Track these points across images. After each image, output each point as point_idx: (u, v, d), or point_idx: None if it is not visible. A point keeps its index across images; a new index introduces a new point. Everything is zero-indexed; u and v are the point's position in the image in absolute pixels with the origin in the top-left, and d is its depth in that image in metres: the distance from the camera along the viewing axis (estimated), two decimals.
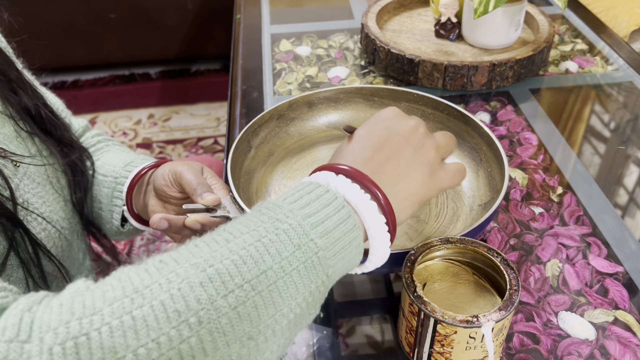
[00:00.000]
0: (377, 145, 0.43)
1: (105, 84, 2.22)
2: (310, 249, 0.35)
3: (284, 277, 0.33)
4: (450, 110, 0.69)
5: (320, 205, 0.36)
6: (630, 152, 0.75)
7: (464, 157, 0.67)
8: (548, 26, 0.92)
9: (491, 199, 0.60)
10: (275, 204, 0.37)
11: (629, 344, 0.51)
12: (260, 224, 0.35)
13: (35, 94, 0.62)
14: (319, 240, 0.35)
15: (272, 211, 0.36)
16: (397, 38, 0.95)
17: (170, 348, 0.30)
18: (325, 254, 0.35)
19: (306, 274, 0.34)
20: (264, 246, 0.34)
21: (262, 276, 0.33)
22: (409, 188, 0.42)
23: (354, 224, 0.37)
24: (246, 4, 1.15)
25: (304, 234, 0.35)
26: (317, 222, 0.35)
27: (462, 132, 0.68)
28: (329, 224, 0.36)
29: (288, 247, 0.34)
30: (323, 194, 0.37)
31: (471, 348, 0.45)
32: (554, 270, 0.58)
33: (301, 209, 0.36)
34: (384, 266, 0.51)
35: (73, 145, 0.65)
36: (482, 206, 0.61)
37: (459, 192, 0.64)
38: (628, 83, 0.88)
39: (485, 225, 0.55)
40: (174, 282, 0.31)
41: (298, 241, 0.34)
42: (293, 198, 0.37)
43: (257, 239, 0.34)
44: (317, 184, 0.38)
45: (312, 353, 0.52)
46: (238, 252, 0.33)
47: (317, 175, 0.40)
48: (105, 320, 0.29)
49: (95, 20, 2.06)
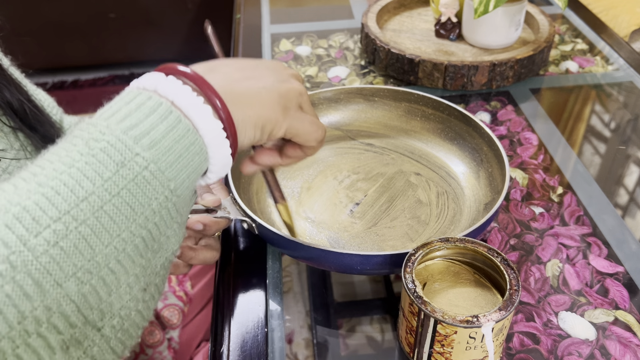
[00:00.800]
0: (242, 66, 0.40)
1: (105, 84, 2.22)
2: (138, 164, 0.32)
3: (112, 199, 0.30)
4: (450, 111, 0.69)
5: (142, 115, 0.33)
6: (631, 152, 0.75)
7: (464, 157, 0.67)
8: (548, 26, 0.92)
9: (492, 200, 0.60)
10: (89, 122, 0.33)
11: (629, 344, 0.51)
12: (72, 148, 0.31)
13: (19, 89, 0.61)
14: (145, 153, 0.32)
15: (84, 131, 0.32)
16: (397, 38, 0.95)
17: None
18: (159, 166, 0.32)
19: (140, 191, 0.31)
20: (80, 171, 0.30)
21: (83, 204, 0.30)
22: (258, 110, 0.39)
23: (186, 129, 0.34)
24: (246, 4, 1.15)
25: (127, 148, 0.31)
26: (142, 133, 0.32)
27: (462, 133, 0.68)
28: (156, 134, 0.32)
29: (110, 167, 0.31)
30: (145, 101, 0.33)
31: (471, 348, 0.45)
32: (554, 270, 0.58)
33: (119, 122, 0.32)
34: (384, 267, 0.51)
35: (54, 140, 0.64)
36: (483, 206, 0.61)
37: (459, 193, 0.64)
38: (628, 83, 0.88)
39: (486, 226, 0.55)
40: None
41: (121, 158, 0.31)
42: (110, 112, 0.33)
43: (70, 165, 0.30)
44: (138, 91, 0.34)
45: (312, 353, 0.52)
46: (48, 184, 0.29)
47: (146, 77, 0.36)
48: None
49: (95, 20, 2.06)
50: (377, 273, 0.58)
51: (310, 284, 0.59)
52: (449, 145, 0.69)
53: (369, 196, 0.65)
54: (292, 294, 0.57)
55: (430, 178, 0.67)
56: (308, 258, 0.54)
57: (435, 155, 0.70)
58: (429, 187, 0.66)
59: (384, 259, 0.51)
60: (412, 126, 0.72)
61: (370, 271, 0.53)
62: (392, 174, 0.67)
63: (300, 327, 0.54)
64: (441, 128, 0.70)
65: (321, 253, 0.51)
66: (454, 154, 0.69)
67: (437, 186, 0.66)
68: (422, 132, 0.72)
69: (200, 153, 0.35)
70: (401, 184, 0.66)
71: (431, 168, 0.68)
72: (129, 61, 2.25)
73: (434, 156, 0.69)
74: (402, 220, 0.62)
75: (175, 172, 0.33)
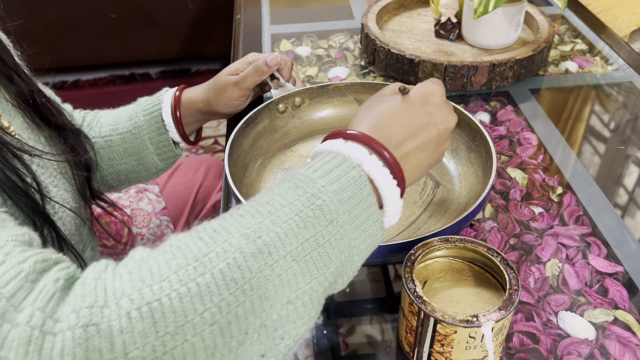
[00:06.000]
0: (414, 130, 0.46)
1: (105, 84, 2.22)
2: (339, 223, 0.38)
3: (318, 248, 0.37)
4: None
5: (347, 183, 0.39)
6: (630, 152, 0.75)
7: (460, 156, 0.67)
8: (548, 26, 0.92)
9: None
10: (308, 177, 0.40)
11: (629, 344, 0.51)
12: (297, 198, 0.38)
13: (29, 80, 0.62)
14: (344, 216, 0.39)
15: (306, 185, 0.39)
16: (397, 38, 0.95)
17: (229, 312, 0.33)
18: (348, 227, 0.39)
19: (336, 245, 0.38)
20: (302, 220, 0.37)
21: (300, 248, 0.37)
22: (424, 170, 0.48)
23: (372, 203, 0.40)
24: (246, 4, 1.15)
25: (335, 210, 0.38)
26: (344, 199, 0.39)
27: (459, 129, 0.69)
28: (354, 201, 0.39)
29: (322, 222, 0.38)
30: (349, 170, 0.40)
31: (471, 348, 0.45)
32: (553, 270, 0.58)
33: (331, 184, 0.39)
34: (378, 256, 0.52)
35: (67, 128, 0.66)
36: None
37: (451, 189, 0.65)
38: (628, 83, 0.88)
39: (472, 217, 0.55)
40: (229, 252, 0.35)
41: (330, 217, 0.38)
42: (322, 172, 0.40)
43: (296, 213, 0.37)
44: (344, 158, 0.41)
45: (312, 353, 0.52)
46: (281, 225, 0.37)
47: (351, 147, 0.42)
48: (174, 287, 0.33)
49: (95, 20, 2.06)
50: (372, 264, 0.58)
51: None
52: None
53: None
54: None
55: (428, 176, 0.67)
56: None
57: None
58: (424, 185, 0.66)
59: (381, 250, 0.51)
60: None
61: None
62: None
63: None
64: None
65: None
66: (450, 152, 0.69)
67: (432, 180, 0.66)
68: None
69: (377, 222, 0.41)
70: None
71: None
72: (129, 61, 2.25)
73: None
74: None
75: (357, 234, 0.40)
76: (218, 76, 0.73)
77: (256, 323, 0.35)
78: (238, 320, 0.34)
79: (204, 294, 0.33)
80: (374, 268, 0.61)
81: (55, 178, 0.59)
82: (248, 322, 0.34)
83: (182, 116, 0.73)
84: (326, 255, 0.38)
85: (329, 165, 0.40)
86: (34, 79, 0.65)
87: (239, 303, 0.34)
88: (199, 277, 0.33)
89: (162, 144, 0.73)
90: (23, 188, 0.52)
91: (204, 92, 0.72)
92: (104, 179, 0.76)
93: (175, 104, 0.72)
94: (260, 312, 0.35)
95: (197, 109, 0.73)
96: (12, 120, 0.57)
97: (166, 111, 0.71)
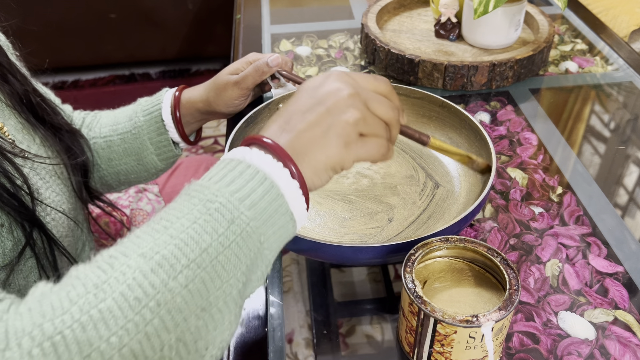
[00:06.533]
0: (302, 110, 0.44)
1: (105, 84, 2.22)
2: (243, 221, 0.38)
3: (224, 251, 0.37)
4: (442, 104, 0.70)
5: (244, 181, 0.39)
6: (630, 152, 0.75)
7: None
8: (548, 26, 0.92)
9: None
10: (202, 185, 0.39)
11: (629, 344, 0.51)
12: (192, 207, 0.38)
13: (24, 79, 0.62)
14: (247, 212, 0.38)
15: (201, 193, 0.38)
16: (397, 38, 0.95)
17: (137, 332, 0.32)
18: (256, 223, 0.38)
19: (244, 244, 0.37)
20: (201, 227, 0.37)
21: (204, 254, 0.36)
22: (322, 157, 0.43)
23: (277, 194, 0.40)
24: (246, 4, 1.15)
25: (235, 209, 0.38)
26: (244, 196, 0.38)
27: (457, 126, 0.69)
28: (255, 197, 0.38)
29: (222, 224, 0.37)
30: (245, 169, 0.39)
31: (471, 348, 0.45)
32: (553, 270, 0.58)
33: (227, 186, 0.39)
34: (378, 256, 0.52)
35: (63, 128, 0.65)
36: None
37: (451, 190, 0.65)
38: (628, 83, 0.88)
39: (472, 217, 0.55)
40: (127, 273, 0.34)
41: (230, 216, 0.37)
42: (218, 177, 0.39)
43: (193, 221, 0.37)
44: (238, 161, 0.40)
45: (312, 353, 0.52)
46: (178, 236, 0.36)
47: (237, 151, 0.42)
48: (75, 317, 0.32)
49: (95, 20, 2.06)
50: (373, 264, 0.58)
51: (310, 283, 0.59)
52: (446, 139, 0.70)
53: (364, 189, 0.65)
54: (292, 293, 0.57)
55: (428, 174, 0.67)
56: (304, 250, 0.54)
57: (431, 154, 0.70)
58: (424, 185, 0.66)
59: (382, 250, 0.51)
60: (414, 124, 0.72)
61: (366, 262, 0.53)
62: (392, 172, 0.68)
63: (300, 326, 0.54)
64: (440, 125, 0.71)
65: (313, 245, 0.52)
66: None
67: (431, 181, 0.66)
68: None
69: (286, 214, 0.40)
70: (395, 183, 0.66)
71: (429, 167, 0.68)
72: (129, 61, 2.25)
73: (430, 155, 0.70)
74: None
75: (266, 228, 0.39)
76: (218, 76, 0.73)
77: (171, 339, 0.34)
78: (149, 339, 0.33)
79: (107, 318, 0.32)
80: (374, 268, 0.61)
81: (49, 179, 0.59)
82: (161, 339, 0.33)
83: (181, 116, 0.73)
84: (234, 256, 0.37)
85: (223, 170, 0.40)
86: (30, 78, 0.65)
87: (147, 321, 0.33)
88: (100, 304, 0.32)
89: (161, 144, 0.73)
90: (12, 191, 0.51)
91: (203, 91, 0.72)
92: (103, 179, 0.76)
93: (174, 104, 0.72)
94: (173, 327, 0.34)
95: (196, 109, 0.72)
96: (5, 120, 0.57)
97: (166, 111, 0.71)
